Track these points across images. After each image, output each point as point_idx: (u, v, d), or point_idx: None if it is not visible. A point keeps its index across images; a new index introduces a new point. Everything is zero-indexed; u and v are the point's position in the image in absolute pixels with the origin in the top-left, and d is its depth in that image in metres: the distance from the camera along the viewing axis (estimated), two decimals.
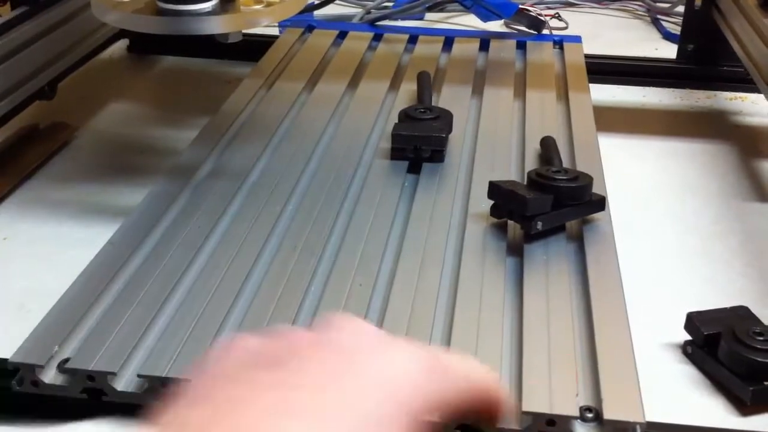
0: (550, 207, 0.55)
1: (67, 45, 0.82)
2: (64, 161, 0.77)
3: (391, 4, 1.11)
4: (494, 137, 0.70)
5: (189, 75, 0.98)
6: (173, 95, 0.93)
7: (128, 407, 0.45)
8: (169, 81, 0.97)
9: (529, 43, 0.92)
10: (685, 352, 0.53)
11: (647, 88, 0.94)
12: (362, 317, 0.48)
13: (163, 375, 0.43)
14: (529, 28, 0.96)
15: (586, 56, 0.89)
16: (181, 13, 0.56)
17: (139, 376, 0.44)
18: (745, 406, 0.48)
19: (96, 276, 0.51)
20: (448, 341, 0.47)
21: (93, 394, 0.44)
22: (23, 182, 0.72)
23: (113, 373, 0.44)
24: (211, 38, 0.61)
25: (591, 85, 0.83)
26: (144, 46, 1.01)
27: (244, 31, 0.61)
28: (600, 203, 0.58)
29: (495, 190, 0.57)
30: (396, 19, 1.06)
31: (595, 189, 0.59)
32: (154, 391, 0.44)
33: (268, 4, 0.58)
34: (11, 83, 0.74)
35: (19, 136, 0.77)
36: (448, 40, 0.92)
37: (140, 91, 0.94)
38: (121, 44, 1.02)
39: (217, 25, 0.56)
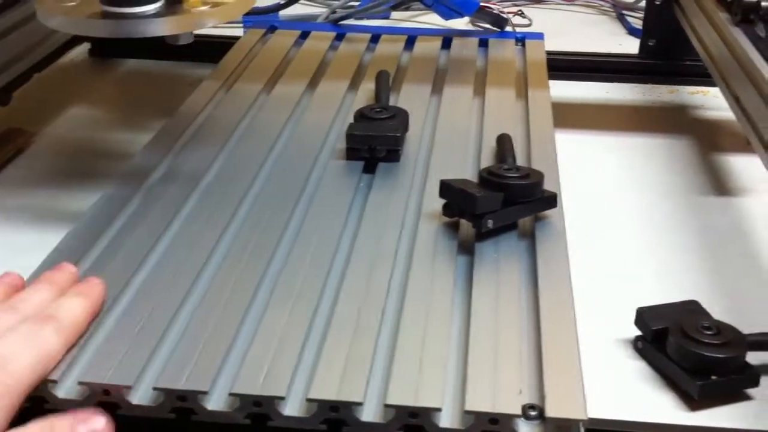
0: (500, 205, 0.55)
1: (20, 49, 0.81)
2: (20, 167, 0.76)
3: (357, 3, 1.11)
4: (451, 136, 0.70)
5: (152, 78, 0.97)
6: (135, 98, 0.93)
7: None
8: (131, 84, 0.97)
9: (492, 41, 0.91)
10: (635, 348, 0.53)
11: (611, 84, 0.94)
12: (309, 319, 0.48)
13: (104, 382, 0.43)
14: (493, 26, 0.96)
15: (549, 53, 0.89)
16: (125, 16, 0.55)
17: (80, 383, 0.43)
18: (693, 401, 0.48)
19: None
20: (395, 341, 0.46)
21: (36, 402, 0.44)
22: None
23: (54, 381, 0.43)
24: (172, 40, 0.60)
25: (554, 82, 0.82)
26: (106, 49, 1.00)
27: (206, 32, 0.60)
28: (552, 200, 0.58)
29: (446, 188, 0.57)
30: (361, 18, 1.06)
31: (549, 186, 0.59)
32: (96, 398, 0.43)
33: (215, 5, 0.58)
34: None
35: None
36: (411, 38, 0.92)
37: (102, 95, 0.93)
38: (83, 48, 1.01)
39: (162, 27, 0.56)
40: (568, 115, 0.83)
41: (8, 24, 0.79)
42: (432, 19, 1.13)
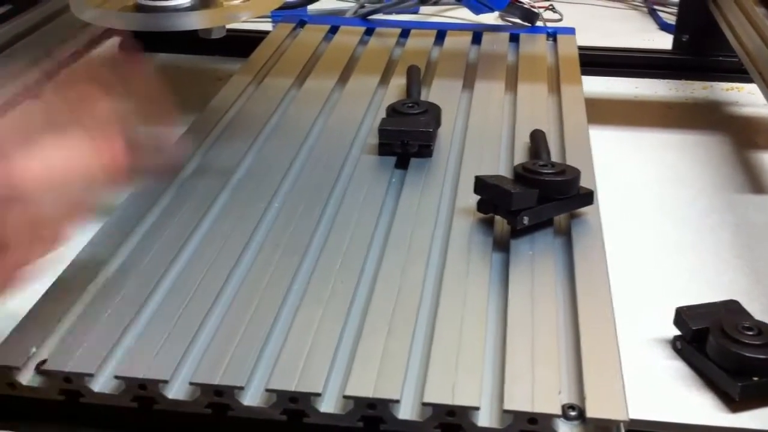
0: (536, 201, 0.55)
1: (53, 43, 0.81)
2: None
3: None
4: (484, 131, 0.70)
5: (181, 72, 0.97)
6: (164, 92, 0.92)
7: (104, 420, 0.44)
8: (161, 78, 0.96)
9: (522, 36, 0.91)
10: (674, 348, 0.52)
11: (642, 80, 0.93)
12: (344, 316, 0.48)
13: (141, 377, 0.43)
14: (523, 21, 0.95)
15: (580, 48, 0.88)
16: (159, 10, 0.55)
17: (116, 377, 0.43)
18: (733, 402, 0.47)
19: (75, 276, 0.51)
20: (430, 339, 0.46)
21: (70, 396, 0.44)
22: None
23: (90, 375, 0.43)
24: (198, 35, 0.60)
25: (585, 77, 0.81)
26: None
27: (235, 27, 0.60)
28: (588, 197, 0.57)
29: (481, 185, 0.56)
30: (389, 13, 1.05)
31: (584, 182, 0.58)
32: (132, 393, 0.43)
33: None
34: None
35: None
36: (441, 33, 0.91)
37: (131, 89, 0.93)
38: (113, 42, 1.01)
39: (195, 21, 0.56)
40: (600, 111, 0.82)
41: (40, 18, 0.79)
42: (461, 14, 1.12)
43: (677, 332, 0.52)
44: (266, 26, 1.00)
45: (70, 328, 0.47)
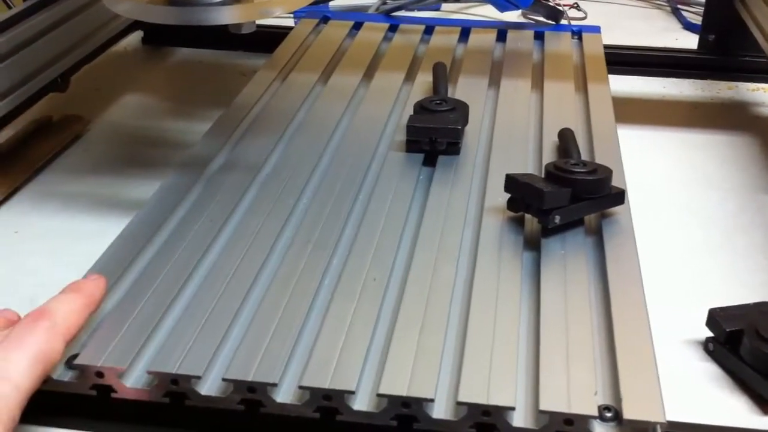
0: (568, 200, 0.54)
1: (80, 36, 0.81)
2: (77, 154, 0.76)
3: None
4: (511, 129, 0.69)
5: (203, 67, 0.97)
6: (188, 87, 0.93)
7: (135, 416, 0.44)
8: (183, 73, 0.97)
9: (547, 34, 0.90)
10: (706, 350, 0.51)
11: (668, 79, 0.92)
12: (375, 313, 0.47)
13: (173, 371, 0.43)
14: (547, 19, 0.94)
15: (605, 47, 0.87)
16: (192, 4, 0.55)
17: (149, 372, 0.43)
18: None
19: (107, 270, 0.50)
20: (463, 338, 0.46)
21: (101, 391, 0.44)
22: (35, 175, 0.72)
23: (123, 370, 0.43)
24: (225, 29, 0.60)
25: (610, 76, 0.81)
26: (158, 37, 1.01)
27: (259, 22, 0.60)
28: (619, 196, 0.57)
29: (512, 183, 0.56)
30: (412, 10, 1.05)
31: (615, 182, 0.58)
32: (164, 389, 0.43)
33: None
34: (24, 75, 0.74)
35: (32, 128, 0.76)
36: (465, 30, 0.91)
37: (154, 83, 0.93)
38: (136, 36, 1.01)
39: (230, 15, 0.55)
40: (625, 110, 0.82)
41: (67, 11, 0.79)
42: (483, 11, 1.12)
43: (708, 334, 0.51)
44: (288, 22, 1.00)
45: (101, 322, 0.47)
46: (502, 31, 0.90)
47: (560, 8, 0.95)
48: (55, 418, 0.44)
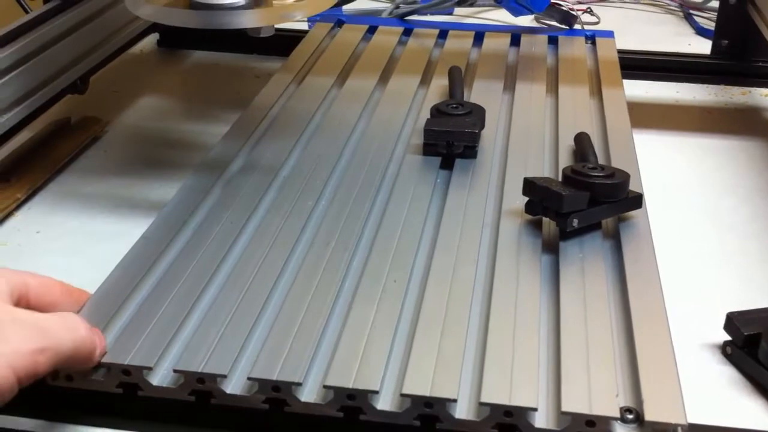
0: (586, 204, 0.55)
1: (98, 39, 0.82)
2: (96, 155, 0.77)
3: None
4: (527, 133, 0.70)
5: (219, 70, 0.98)
6: (203, 90, 0.93)
7: (160, 414, 0.45)
8: (198, 75, 0.97)
9: (561, 38, 0.91)
10: (724, 353, 0.52)
11: (681, 84, 0.93)
12: (396, 314, 0.48)
13: (199, 370, 0.43)
14: (561, 23, 0.95)
15: (619, 51, 0.88)
16: (213, 7, 0.56)
17: (175, 371, 0.44)
18: None
19: (130, 270, 0.51)
20: (484, 340, 0.46)
21: (128, 389, 0.44)
22: (55, 176, 0.73)
23: (149, 368, 0.44)
24: (242, 33, 0.61)
25: (623, 80, 0.81)
26: (174, 40, 1.01)
27: (276, 26, 0.60)
28: (637, 200, 0.57)
29: (530, 186, 0.56)
30: (425, 14, 1.06)
31: (632, 186, 0.58)
32: (190, 387, 0.44)
33: None
34: (43, 77, 0.74)
35: (51, 129, 0.77)
36: (479, 35, 0.92)
37: (170, 86, 0.94)
38: (152, 39, 1.02)
39: (250, 20, 0.56)
40: (638, 115, 0.82)
41: (86, 14, 0.80)
42: (495, 16, 1.12)
43: (726, 337, 0.52)
44: (302, 26, 1.01)
45: (127, 321, 0.47)
46: (516, 36, 0.91)
47: (574, 13, 0.95)
48: (81, 415, 0.45)
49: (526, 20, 1.03)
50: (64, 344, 0.41)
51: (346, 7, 1.06)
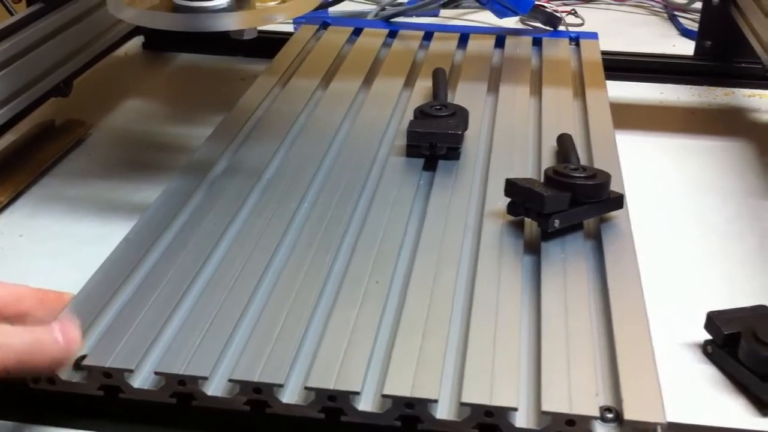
0: (567, 205, 0.55)
1: (82, 42, 0.82)
2: (80, 158, 0.77)
3: (405, 0, 1.11)
4: (510, 134, 0.70)
5: (203, 72, 0.98)
6: (188, 92, 0.93)
7: (142, 416, 0.45)
8: (183, 78, 0.97)
9: (545, 40, 0.91)
10: (705, 352, 0.52)
11: (665, 85, 0.93)
12: (378, 316, 0.48)
13: (180, 372, 0.43)
14: (545, 25, 0.95)
15: (603, 53, 0.88)
16: (196, 10, 0.56)
17: (156, 373, 0.44)
18: (765, 407, 0.48)
19: (112, 273, 0.51)
20: (465, 340, 0.46)
21: (109, 392, 0.44)
22: (39, 179, 0.72)
23: (130, 370, 0.44)
24: (225, 35, 0.61)
25: (608, 82, 0.82)
26: (159, 43, 1.01)
27: (259, 28, 0.60)
28: (618, 201, 0.58)
29: (512, 187, 0.56)
30: (411, 16, 1.06)
31: (613, 187, 0.58)
32: (171, 389, 0.44)
33: (283, 0, 0.58)
34: (27, 80, 0.74)
35: (35, 132, 0.77)
36: (464, 36, 0.92)
37: (155, 88, 0.94)
38: (137, 41, 1.02)
39: (232, 22, 0.56)
40: (622, 116, 0.82)
41: (69, 17, 0.80)
42: (480, 18, 1.13)
43: (707, 336, 0.52)
44: (287, 28, 1.01)
45: (108, 323, 0.47)
46: (501, 38, 0.91)
47: (558, 15, 0.96)
48: (62, 418, 0.45)
49: (511, 22, 1.03)
50: (12, 344, 0.40)
51: (331, 9, 1.06)
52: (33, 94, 0.75)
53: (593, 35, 0.93)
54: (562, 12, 1.01)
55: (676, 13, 1.14)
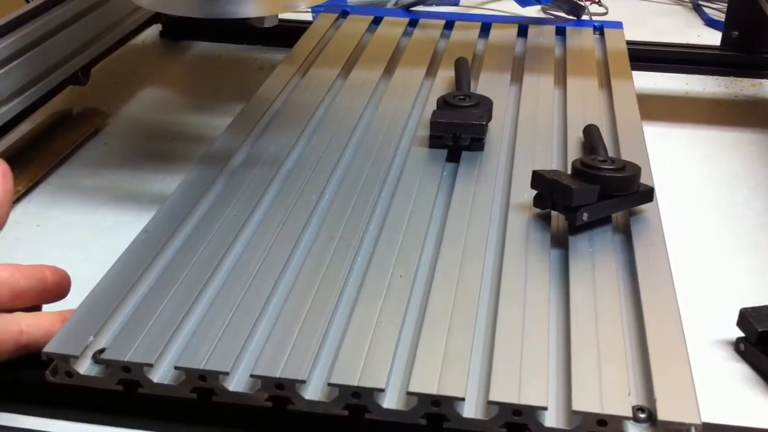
0: (596, 198, 0.53)
1: (100, 30, 0.81)
2: (97, 147, 0.76)
3: None
4: (535, 125, 0.68)
5: (221, 61, 0.97)
6: (206, 81, 0.92)
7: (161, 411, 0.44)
8: (201, 67, 0.96)
9: (569, 29, 0.89)
10: (737, 350, 0.51)
11: (690, 76, 0.91)
12: (402, 310, 0.47)
13: (201, 367, 0.42)
14: (569, 14, 0.93)
15: (628, 43, 0.87)
16: None
17: (176, 368, 0.43)
18: None
19: (131, 264, 0.50)
20: (492, 336, 0.45)
21: (128, 386, 0.43)
22: (56, 168, 0.72)
23: (150, 365, 0.43)
24: (245, 23, 0.60)
25: (632, 72, 0.80)
26: (176, 31, 1.00)
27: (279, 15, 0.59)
28: (648, 194, 0.56)
29: (538, 179, 0.55)
30: (431, 5, 1.04)
31: (643, 179, 0.57)
32: (191, 384, 0.43)
33: None
34: (44, 68, 0.73)
35: (52, 121, 0.76)
36: (485, 26, 0.90)
37: (172, 77, 0.93)
38: (154, 30, 1.01)
39: (253, 9, 0.55)
40: (646, 107, 0.81)
41: (87, 5, 0.79)
42: (501, 6, 1.11)
43: (739, 334, 0.51)
44: (306, 16, 1.00)
45: (127, 317, 0.46)
46: (523, 27, 0.90)
47: (581, 4, 0.94)
48: (81, 412, 0.44)
49: (533, 11, 1.02)
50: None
51: None
52: (50, 83, 0.74)
53: (618, 24, 0.91)
54: (586, 1, 0.99)
55: (700, 2, 1.12)
